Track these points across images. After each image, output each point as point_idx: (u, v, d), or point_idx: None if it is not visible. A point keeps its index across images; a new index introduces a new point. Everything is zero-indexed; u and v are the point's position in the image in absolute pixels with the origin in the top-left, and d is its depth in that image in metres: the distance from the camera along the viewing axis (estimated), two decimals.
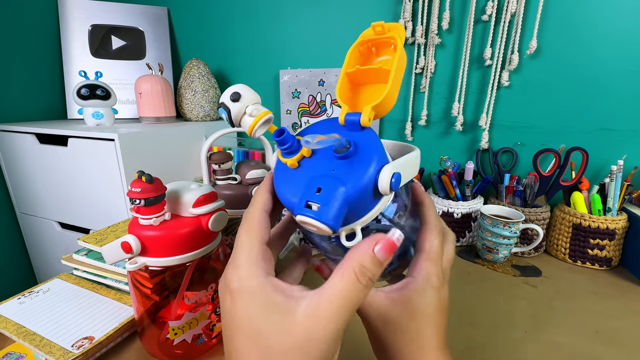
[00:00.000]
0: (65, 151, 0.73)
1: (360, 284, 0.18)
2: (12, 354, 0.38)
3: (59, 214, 0.82)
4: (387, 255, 0.18)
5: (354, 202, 0.19)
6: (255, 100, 0.22)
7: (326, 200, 0.18)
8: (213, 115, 0.94)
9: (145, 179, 0.30)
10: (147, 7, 0.97)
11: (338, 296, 0.18)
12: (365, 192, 0.19)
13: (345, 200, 0.18)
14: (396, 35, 0.21)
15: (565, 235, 0.62)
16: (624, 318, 0.47)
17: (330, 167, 0.21)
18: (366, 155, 0.20)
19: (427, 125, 0.82)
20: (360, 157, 0.20)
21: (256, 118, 0.21)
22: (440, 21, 0.73)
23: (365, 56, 0.23)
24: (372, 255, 0.18)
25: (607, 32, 0.64)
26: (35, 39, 0.91)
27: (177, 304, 0.35)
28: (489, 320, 0.46)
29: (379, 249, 0.18)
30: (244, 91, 0.22)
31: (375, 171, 0.19)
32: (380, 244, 0.18)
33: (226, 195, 0.45)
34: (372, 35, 0.22)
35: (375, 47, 0.22)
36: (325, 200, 0.18)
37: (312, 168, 0.21)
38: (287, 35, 0.91)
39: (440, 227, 0.25)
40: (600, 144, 0.69)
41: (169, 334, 0.35)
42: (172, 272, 0.34)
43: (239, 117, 0.22)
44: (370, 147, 0.20)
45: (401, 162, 0.21)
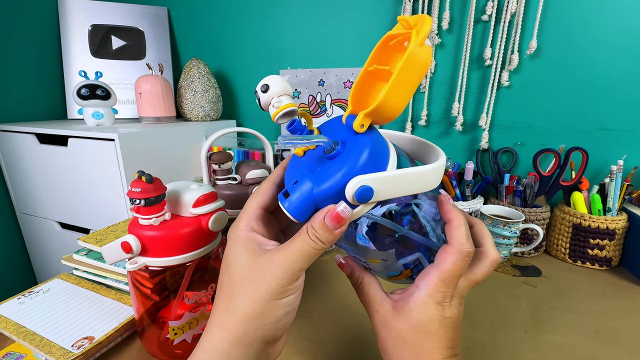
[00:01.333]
0: (65, 151, 0.73)
1: (309, 239, 0.22)
2: (12, 354, 0.38)
3: (59, 214, 0.82)
4: (334, 223, 0.21)
5: (322, 201, 0.21)
6: (283, 92, 0.23)
7: (296, 192, 0.21)
8: (213, 115, 0.94)
9: (145, 179, 0.31)
10: (147, 7, 0.97)
11: (291, 246, 0.22)
12: (333, 194, 0.21)
13: (311, 196, 0.21)
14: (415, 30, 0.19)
15: (565, 235, 0.62)
16: (624, 318, 0.47)
17: (318, 164, 0.23)
18: (344, 161, 0.21)
19: (427, 125, 0.82)
20: (339, 162, 0.21)
21: (277, 109, 0.23)
22: (440, 21, 0.73)
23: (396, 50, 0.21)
24: (321, 220, 0.21)
25: (607, 32, 0.64)
26: (35, 39, 0.91)
27: (177, 304, 0.35)
28: (489, 320, 0.46)
29: (327, 217, 0.21)
30: (274, 83, 0.23)
31: (344, 179, 0.20)
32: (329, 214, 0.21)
33: (226, 195, 0.45)
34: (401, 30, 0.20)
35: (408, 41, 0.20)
36: (296, 192, 0.21)
37: (306, 161, 0.24)
38: (287, 35, 0.91)
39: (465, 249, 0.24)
40: (600, 144, 0.69)
41: (169, 334, 0.35)
42: (172, 272, 0.34)
43: (266, 106, 0.24)
44: (352, 154, 0.21)
45: (381, 176, 0.20)
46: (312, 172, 0.22)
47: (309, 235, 0.22)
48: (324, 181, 0.21)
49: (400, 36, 0.20)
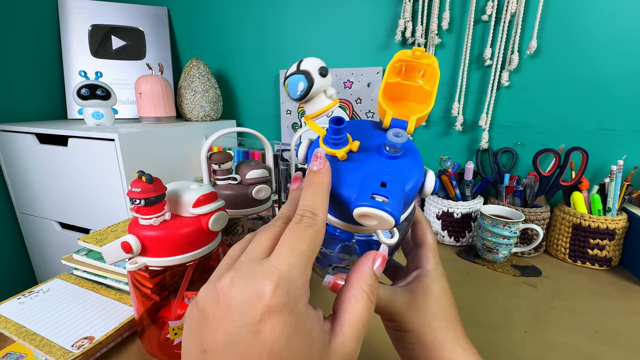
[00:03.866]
0: (65, 151, 0.73)
1: (372, 303, 0.19)
2: (12, 354, 0.38)
3: (59, 214, 0.82)
4: (382, 270, 0.20)
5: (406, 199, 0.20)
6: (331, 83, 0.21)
7: (393, 195, 0.18)
8: (213, 115, 0.94)
9: (145, 179, 0.30)
10: (147, 7, 0.97)
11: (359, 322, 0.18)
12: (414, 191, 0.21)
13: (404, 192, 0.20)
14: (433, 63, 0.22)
15: (565, 235, 0.62)
16: (624, 318, 0.47)
17: (383, 164, 0.21)
18: (414, 159, 0.22)
19: (427, 125, 0.82)
20: (410, 160, 0.21)
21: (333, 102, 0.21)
22: (440, 21, 0.73)
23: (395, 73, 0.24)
24: (373, 273, 0.19)
25: (607, 33, 0.64)
26: (35, 39, 0.91)
27: (177, 303, 0.35)
28: (489, 320, 0.46)
29: (377, 265, 0.20)
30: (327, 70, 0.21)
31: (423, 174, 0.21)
32: (377, 260, 0.20)
33: (226, 195, 0.45)
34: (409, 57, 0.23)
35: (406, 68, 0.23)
36: (392, 194, 0.18)
37: (363, 163, 0.21)
38: (287, 36, 0.91)
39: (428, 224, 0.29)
40: (600, 144, 0.69)
41: (169, 334, 0.35)
42: (172, 272, 0.34)
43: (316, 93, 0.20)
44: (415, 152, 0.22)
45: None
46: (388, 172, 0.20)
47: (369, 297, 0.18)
48: (413, 179, 0.21)
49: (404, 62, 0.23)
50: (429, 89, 0.22)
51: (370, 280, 0.19)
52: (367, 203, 0.18)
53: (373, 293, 0.19)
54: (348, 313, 0.18)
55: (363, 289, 0.19)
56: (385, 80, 0.23)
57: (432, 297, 0.25)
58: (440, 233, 0.69)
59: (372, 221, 0.18)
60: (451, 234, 0.68)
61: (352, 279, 0.19)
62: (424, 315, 0.24)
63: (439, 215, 0.68)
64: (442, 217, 0.67)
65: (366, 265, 0.20)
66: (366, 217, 0.18)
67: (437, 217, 0.68)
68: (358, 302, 0.18)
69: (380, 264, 0.20)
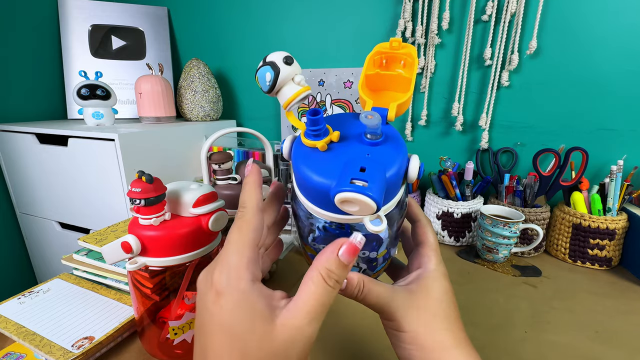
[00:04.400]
0: (65, 151, 0.73)
1: (329, 287, 0.19)
2: (12, 354, 0.38)
3: (59, 214, 0.82)
4: (351, 258, 0.19)
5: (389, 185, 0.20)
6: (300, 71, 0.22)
7: (372, 179, 0.18)
8: (213, 115, 0.94)
9: (145, 179, 0.30)
10: (147, 7, 0.97)
11: (310, 301, 0.19)
12: (398, 177, 0.21)
13: (385, 178, 0.19)
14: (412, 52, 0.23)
15: (565, 235, 0.62)
16: (624, 318, 0.47)
17: (364, 151, 0.21)
18: (396, 144, 0.22)
19: (427, 125, 0.82)
20: (391, 146, 0.21)
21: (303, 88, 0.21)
22: (440, 21, 0.73)
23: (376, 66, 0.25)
24: (336, 259, 0.19)
25: (607, 32, 0.64)
26: (35, 39, 0.91)
27: (177, 303, 0.35)
28: (489, 320, 0.46)
29: (342, 252, 0.19)
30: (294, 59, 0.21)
31: (406, 158, 0.21)
32: (344, 247, 0.19)
33: (226, 195, 0.45)
34: (387, 49, 0.24)
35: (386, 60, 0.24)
36: (372, 178, 0.18)
37: (344, 152, 0.21)
38: (287, 35, 0.91)
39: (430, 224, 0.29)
40: (600, 144, 0.69)
41: (169, 334, 0.35)
42: (172, 272, 0.34)
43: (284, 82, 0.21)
44: (397, 138, 0.22)
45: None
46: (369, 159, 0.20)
47: (327, 281, 0.19)
48: (394, 164, 0.20)
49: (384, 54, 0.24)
50: (408, 76, 0.23)
51: (328, 264, 0.19)
52: (346, 188, 0.18)
53: (331, 277, 0.19)
54: (302, 292, 0.19)
55: (319, 271, 0.19)
56: (364, 73, 0.24)
57: (432, 297, 0.25)
58: (440, 233, 0.69)
59: (354, 207, 0.18)
60: (451, 234, 0.68)
61: (314, 263, 0.20)
62: (423, 316, 0.24)
63: (439, 215, 0.68)
64: (442, 217, 0.67)
65: (329, 250, 0.20)
66: (347, 202, 0.18)
67: (437, 217, 0.68)
68: (313, 283, 0.19)
69: (347, 250, 0.19)
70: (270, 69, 0.21)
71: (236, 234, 0.21)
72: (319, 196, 0.21)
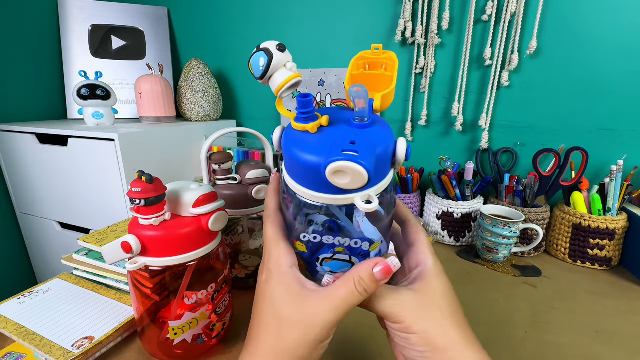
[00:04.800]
0: (65, 151, 0.73)
1: (356, 292, 0.23)
2: (12, 354, 0.38)
3: (59, 214, 0.83)
4: (384, 277, 0.23)
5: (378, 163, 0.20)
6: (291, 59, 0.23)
7: (362, 149, 0.19)
8: (213, 115, 0.94)
9: (145, 179, 0.30)
10: (147, 7, 0.97)
11: (337, 297, 0.23)
12: (386, 156, 0.21)
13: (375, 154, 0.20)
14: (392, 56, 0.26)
15: (565, 235, 0.62)
16: (624, 318, 0.47)
17: (352, 133, 0.22)
18: (383, 127, 0.23)
19: (427, 125, 0.82)
20: (379, 128, 0.22)
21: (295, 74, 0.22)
22: (440, 21, 0.73)
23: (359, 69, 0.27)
24: (371, 272, 0.23)
25: (607, 32, 0.64)
26: (35, 39, 0.91)
27: (177, 304, 0.35)
28: (489, 320, 0.46)
29: (378, 270, 0.23)
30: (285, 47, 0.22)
31: (393, 141, 0.22)
32: (380, 266, 0.23)
33: (226, 195, 0.45)
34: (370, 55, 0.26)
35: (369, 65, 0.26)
36: (362, 149, 0.19)
37: (333, 133, 0.22)
38: (287, 35, 0.91)
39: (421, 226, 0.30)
40: (600, 144, 0.69)
41: (169, 334, 0.35)
42: (172, 272, 0.34)
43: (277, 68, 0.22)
44: (384, 124, 0.23)
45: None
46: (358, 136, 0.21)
47: (356, 286, 0.23)
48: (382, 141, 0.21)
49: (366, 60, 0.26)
50: (390, 74, 0.25)
51: (362, 274, 0.23)
52: (338, 157, 0.18)
53: (360, 285, 0.23)
54: (335, 287, 0.23)
55: (353, 277, 0.23)
56: (349, 73, 0.26)
57: (437, 294, 0.25)
58: (440, 233, 0.69)
59: (346, 177, 0.19)
60: (451, 234, 0.68)
61: (353, 269, 0.24)
62: (432, 314, 0.24)
63: (439, 215, 0.68)
64: (442, 217, 0.67)
65: (367, 263, 0.23)
66: (339, 173, 0.19)
67: (437, 217, 0.68)
68: (344, 283, 0.23)
69: (382, 270, 0.23)
70: (264, 55, 0.22)
71: (270, 231, 0.26)
72: (310, 175, 0.21)
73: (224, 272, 0.38)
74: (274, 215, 0.27)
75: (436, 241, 0.70)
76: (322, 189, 0.21)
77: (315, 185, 0.22)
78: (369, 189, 0.21)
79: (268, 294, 0.24)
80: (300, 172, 0.22)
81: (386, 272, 0.23)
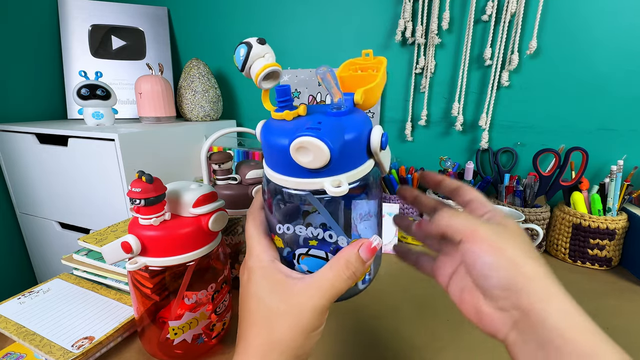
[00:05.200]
0: (65, 151, 0.73)
1: (345, 275, 0.22)
2: (12, 354, 0.38)
3: (59, 214, 0.82)
4: (369, 256, 0.23)
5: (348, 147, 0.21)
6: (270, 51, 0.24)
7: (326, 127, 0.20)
8: (213, 115, 0.94)
9: (145, 179, 0.31)
10: (147, 7, 0.97)
11: (325, 282, 0.22)
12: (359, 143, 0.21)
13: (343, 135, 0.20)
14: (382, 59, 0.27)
15: (565, 235, 0.62)
16: (624, 318, 0.47)
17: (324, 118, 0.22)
18: (359, 116, 0.23)
19: (427, 125, 0.82)
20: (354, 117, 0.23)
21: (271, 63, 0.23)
22: (440, 21, 0.73)
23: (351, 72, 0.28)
24: (356, 253, 0.23)
25: (607, 32, 0.64)
26: (35, 39, 0.91)
27: (177, 304, 0.35)
28: None
29: (362, 250, 0.23)
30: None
31: (368, 129, 0.22)
32: (364, 247, 0.23)
33: (226, 195, 0.45)
34: (361, 60, 0.27)
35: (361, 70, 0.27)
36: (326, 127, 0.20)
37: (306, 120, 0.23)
38: (287, 36, 0.91)
39: None
40: (600, 144, 0.69)
41: (169, 333, 0.35)
42: (172, 272, 0.34)
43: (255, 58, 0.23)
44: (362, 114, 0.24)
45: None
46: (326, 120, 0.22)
47: (344, 269, 0.22)
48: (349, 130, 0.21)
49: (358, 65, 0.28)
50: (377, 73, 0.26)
51: (348, 256, 0.23)
52: (300, 133, 0.19)
53: (349, 268, 0.22)
54: (320, 272, 0.23)
55: (340, 260, 0.23)
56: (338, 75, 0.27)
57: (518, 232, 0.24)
58: None
59: (308, 154, 0.19)
60: None
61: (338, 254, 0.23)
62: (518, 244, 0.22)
63: None
64: None
65: (350, 247, 0.23)
66: (301, 149, 0.19)
67: None
68: (331, 267, 0.23)
69: (367, 249, 0.23)
70: (245, 46, 0.24)
71: (251, 228, 0.26)
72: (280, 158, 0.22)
73: (224, 272, 0.38)
74: (256, 212, 0.27)
75: None
76: (294, 172, 0.22)
77: (286, 169, 0.22)
78: (340, 174, 0.21)
79: (252, 292, 0.24)
80: (272, 156, 0.23)
81: (371, 251, 0.23)
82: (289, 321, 0.22)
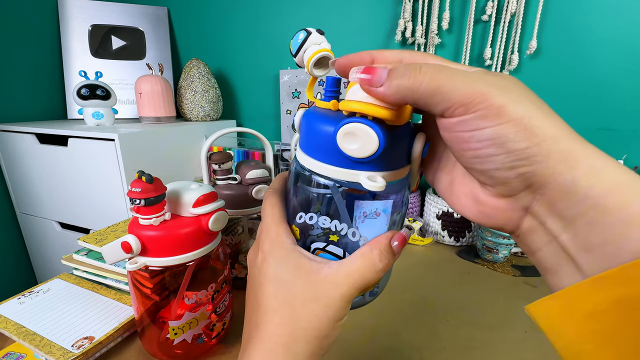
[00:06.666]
0: (65, 151, 0.73)
1: (377, 267, 0.21)
2: (12, 354, 0.38)
3: (59, 214, 0.82)
4: (400, 247, 0.22)
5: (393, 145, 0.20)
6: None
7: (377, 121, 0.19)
8: (213, 115, 0.94)
9: (145, 179, 0.30)
10: (147, 7, 0.97)
11: (355, 271, 0.21)
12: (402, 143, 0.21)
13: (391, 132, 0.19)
14: None
15: None
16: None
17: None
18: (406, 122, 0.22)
19: None
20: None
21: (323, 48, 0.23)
22: (440, 21, 0.73)
23: None
24: (389, 245, 0.22)
25: (606, 32, 0.64)
26: (35, 39, 0.91)
27: (177, 304, 0.35)
28: (489, 320, 0.46)
29: (395, 242, 0.22)
30: None
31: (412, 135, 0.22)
32: (396, 238, 0.22)
33: (226, 195, 0.45)
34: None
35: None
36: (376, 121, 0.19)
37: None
38: (287, 35, 0.91)
39: None
40: (600, 144, 0.68)
41: (169, 333, 0.35)
42: (172, 272, 0.34)
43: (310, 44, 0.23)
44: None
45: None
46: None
47: (377, 258, 0.21)
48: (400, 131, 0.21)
49: None
50: None
51: (381, 247, 0.21)
52: (351, 119, 0.19)
53: (381, 259, 0.21)
54: (349, 260, 0.22)
55: (372, 249, 0.21)
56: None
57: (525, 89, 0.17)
58: (440, 233, 0.69)
59: (356, 141, 0.19)
60: (451, 234, 0.68)
61: (368, 243, 0.22)
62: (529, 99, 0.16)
63: (439, 215, 0.68)
64: (442, 217, 0.67)
65: (385, 236, 0.22)
66: (349, 135, 0.19)
67: (437, 217, 0.68)
68: (362, 256, 0.21)
69: (399, 241, 0.22)
70: (304, 32, 0.24)
71: (269, 210, 0.25)
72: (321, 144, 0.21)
73: (224, 272, 0.38)
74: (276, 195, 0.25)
75: (436, 241, 0.70)
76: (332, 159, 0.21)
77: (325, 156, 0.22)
78: (377, 171, 0.21)
79: (270, 274, 0.22)
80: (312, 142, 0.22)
81: (404, 242, 0.22)
82: (316, 308, 0.20)
